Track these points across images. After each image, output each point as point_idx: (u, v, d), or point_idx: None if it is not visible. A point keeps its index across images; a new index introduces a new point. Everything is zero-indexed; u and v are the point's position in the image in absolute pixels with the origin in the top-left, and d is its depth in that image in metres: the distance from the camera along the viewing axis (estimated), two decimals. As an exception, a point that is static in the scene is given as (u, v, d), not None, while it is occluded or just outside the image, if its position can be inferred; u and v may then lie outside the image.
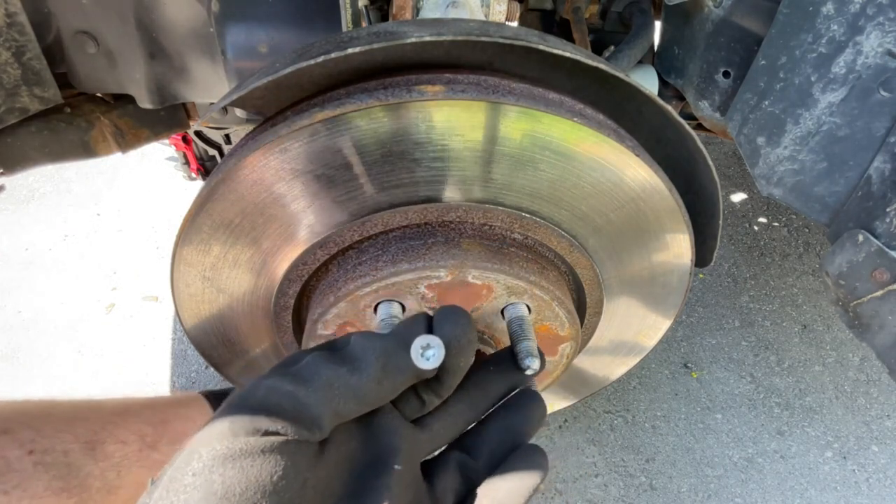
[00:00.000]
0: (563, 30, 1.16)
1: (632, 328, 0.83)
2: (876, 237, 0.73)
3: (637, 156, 0.59)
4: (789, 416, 1.69)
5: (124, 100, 0.96)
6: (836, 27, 0.71)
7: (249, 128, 1.23)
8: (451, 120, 0.54)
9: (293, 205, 0.58)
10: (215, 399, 1.12)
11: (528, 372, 0.63)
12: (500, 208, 0.61)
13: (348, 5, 0.72)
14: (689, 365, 1.81)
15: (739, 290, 2.04)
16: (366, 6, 0.79)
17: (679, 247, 0.71)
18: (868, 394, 1.75)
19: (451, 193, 0.59)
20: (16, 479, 0.79)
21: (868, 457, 1.60)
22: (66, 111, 0.91)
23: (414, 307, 0.65)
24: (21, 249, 2.15)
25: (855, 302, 0.77)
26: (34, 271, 2.07)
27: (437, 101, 0.52)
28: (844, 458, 1.60)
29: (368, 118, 0.52)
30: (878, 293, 0.74)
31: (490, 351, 0.71)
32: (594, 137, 0.57)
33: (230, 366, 0.80)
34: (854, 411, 1.71)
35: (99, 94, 0.97)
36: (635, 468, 1.55)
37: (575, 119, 0.55)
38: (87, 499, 0.87)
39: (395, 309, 0.63)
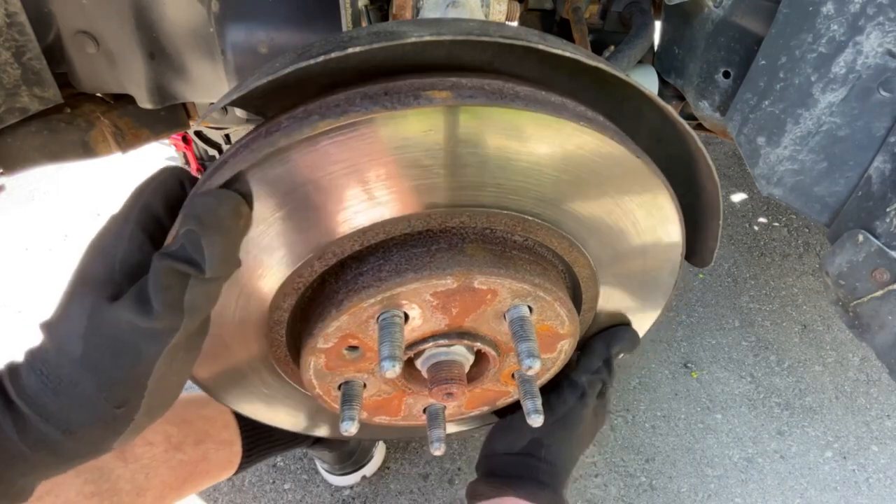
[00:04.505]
0: (563, 30, 1.16)
1: (618, 320, 0.85)
2: (876, 237, 0.73)
3: (638, 157, 0.59)
4: (789, 416, 1.69)
5: (124, 100, 0.96)
6: (836, 27, 0.71)
7: (249, 128, 1.23)
8: (455, 124, 0.53)
9: (291, 215, 0.56)
10: None
11: (529, 372, 0.63)
12: (505, 212, 0.60)
13: (348, 5, 0.72)
14: (689, 365, 1.81)
15: (739, 290, 2.04)
16: (366, 6, 0.79)
17: (671, 242, 0.71)
18: (868, 394, 1.75)
19: (455, 199, 0.58)
20: (48, 485, 0.79)
21: (868, 457, 1.60)
22: (66, 111, 0.91)
23: (417, 316, 0.64)
24: (21, 249, 2.15)
25: (855, 302, 0.77)
26: (34, 271, 2.07)
27: (445, 106, 0.51)
28: (844, 458, 1.60)
29: (372, 126, 0.52)
30: (878, 293, 0.74)
31: (493, 353, 0.71)
32: (597, 140, 0.57)
33: (217, 381, 0.77)
34: (854, 411, 1.71)
35: (99, 94, 0.97)
36: (635, 468, 1.55)
37: (581, 122, 0.55)
38: (117, 503, 0.86)
39: (397, 314, 0.63)
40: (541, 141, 0.56)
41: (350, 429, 0.66)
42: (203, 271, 0.47)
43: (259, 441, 1.13)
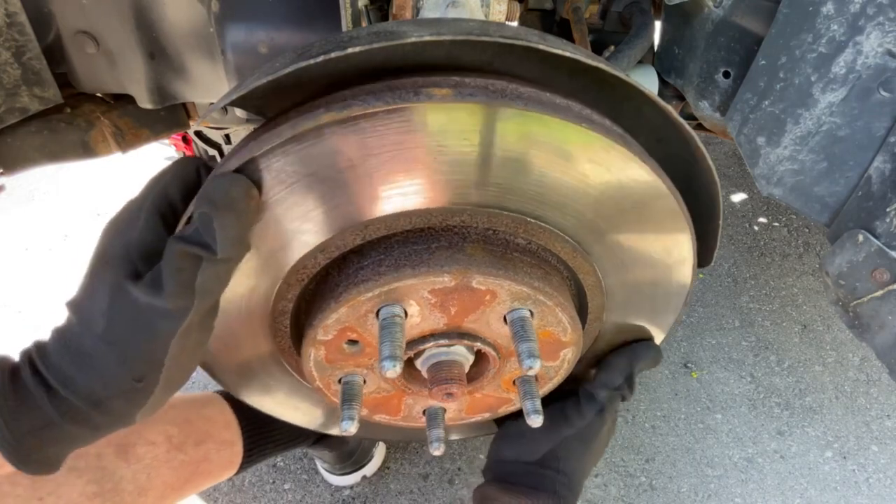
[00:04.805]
0: (563, 30, 1.16)
1: (633, 334, 0.83)
2: (876, 237, 0.73)
3: (644, 162, 0.59)
4: (789, 416, 1.69)
5: (124, 100, 0.96)
6: (836, 27, 0.71)
7: (250, 128, 1.23)
8: (459, 123, 0.53)
9: (294, 208, 0.57)
10: (232, 399, 1.12)
11: (530, 372, 0.63)
12: (506, 213, 0.60)
13: (348, 5, 0.72)
14: (689, 365, 1.81)
15: (739, 290, 2.04)
16: (366, 6, 0.79)
17: (682, 252, 0.71)
18: (868, 394, 1.75)
19: (455, 197, 0.58)
20: (50, 486, 0.80)
21: (868, 457, 1.60)
22: (66, 111, 0.91)
23: (416, 313, 0.65)
24: (21, 249, 2.15)
25: (855, 302, 0.77)
26: (34, 271, 2.07)
27: (444, 104, 0.52)
28: (844, 458, 1.60)
29: (374, 120, 0.52)
30: (878, 293, 0.74)
31: (493, 353, 0.71)
32: (602, 143, 0.56)
33: (224, 369, 0.79)
34: (854, 411, 1.71)
35: (99, 94, 0.97)
36: (635, 468, 1.55)
37: (583, 125, 0.55)
38: (119, 503, 0.87)
39: (398, 313, 0.63)
40: (545, 143, 0.56)
41: (350, 428, 0.67)
42: (215, 253, 0.49)
43: (260, 441, 1.13)
